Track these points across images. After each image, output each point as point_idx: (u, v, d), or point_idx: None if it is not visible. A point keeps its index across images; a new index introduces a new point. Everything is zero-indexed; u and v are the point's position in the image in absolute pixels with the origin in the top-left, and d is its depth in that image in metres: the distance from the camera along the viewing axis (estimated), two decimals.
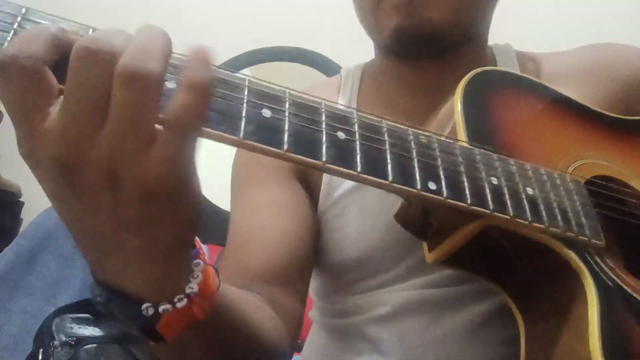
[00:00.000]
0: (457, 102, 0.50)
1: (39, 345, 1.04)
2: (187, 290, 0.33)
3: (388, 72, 0.66)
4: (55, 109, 0.28)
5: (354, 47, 0.71)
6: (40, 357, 1.02)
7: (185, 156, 0.29)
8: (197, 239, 0.35)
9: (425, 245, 0.49)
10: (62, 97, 0.28)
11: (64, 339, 1.03)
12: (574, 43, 0.72)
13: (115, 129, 0.28)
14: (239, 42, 1.55)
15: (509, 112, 0.53)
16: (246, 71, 1.57)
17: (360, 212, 0.59)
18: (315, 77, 1.50)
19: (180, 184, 0.30)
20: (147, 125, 0.28)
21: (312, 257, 0.60)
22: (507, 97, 0.54)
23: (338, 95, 0.68)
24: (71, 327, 1.04)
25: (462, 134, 0.47)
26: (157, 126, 0.29)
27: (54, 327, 1.05)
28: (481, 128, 0.49)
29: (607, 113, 0.60)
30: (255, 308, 0.48)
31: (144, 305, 0.32)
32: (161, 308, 0.32)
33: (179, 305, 0.33)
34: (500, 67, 0.65)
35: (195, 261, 0.34)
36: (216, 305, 0.36)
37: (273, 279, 0.55)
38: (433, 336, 0.56)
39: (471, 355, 0.55)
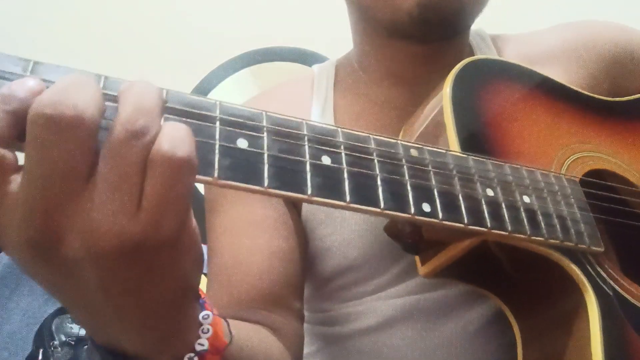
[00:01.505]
0: (446, 95, 0.45)
1: (39, 345, 1.00)
2: (198, 348, 0.29)
3: (370, 62, 0.59)
4: (14, 186, 0.23)
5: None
6: (40, 357, 0.98)
7: (182, 191, 0.24)
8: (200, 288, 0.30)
9: (417, 258, 0.44)
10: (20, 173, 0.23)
11: (64, 339, 1.00)
12: (545, 21, 0.67)
13: (101, 191, 0.23)
14: (239, 42, 1.48)
15: (500, 105, 0.48)
16: (246, 71, 1.50)
17: (347, 218, 0.54)
18: None
19: (177, 225, 0.25)
20: (138, 174, 0.24)
21: (303, 271, 0.55)
22: (497, 89, 0.49)
23: (312, 94, 0.61)
24: (71, 327, 1.01)
25: (451, 131, 0.43)
26: None
27: (54, 327, 1.02)
28: (471, 124, 0.45)
29: (598, 96, 0.55)
30: (259, 341, 0.44)
31: None
32: None
33: None
34: (489, 56, 0.59)
35: (204, 313, 0.30)
36: (227, 354, 0.31)
37: (268, 304, 0.49)
38: (427, 345, 0.51)
39: None
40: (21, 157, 0.24)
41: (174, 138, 0.24)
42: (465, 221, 0.35)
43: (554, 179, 0.44)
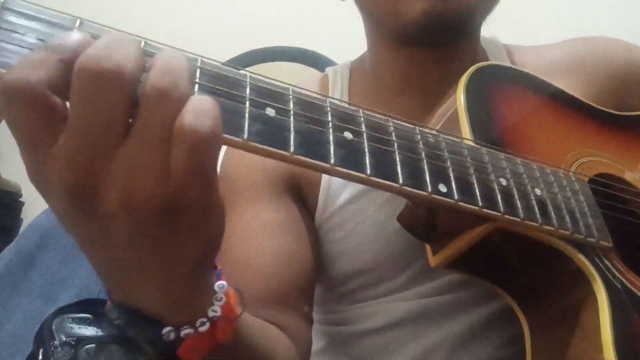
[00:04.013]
0: (460, 96, 0.46)
1: (39, 345, 0.99)
2: (210, 314, 0.30)
3: (383, 68, 0.60)
4: (61, 136, 0.24)
5: (354, 47, 0.66)
6: (40, 357, 0.97)
7: (206, 163, 0.25)
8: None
9: (428, 248, 0.45)
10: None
11: (64, 339, 0.99)
12: (559, 36, 0.69)
13: (135, 149, 0.24)
14: (239, 42, 1.50)
15: (512, 107, 0.49)
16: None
17: (361, 222, 0.54)
18: None
19: (203, 193, 0.26)
20: (167, 140, 0.24)
21: (314, 275, 0.55)
22: (510, 93, 0.50)
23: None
24: (71, 327, 1.00)
25: (466, 129, 0.44)
26: None
27: (54, 327, 1.01)
28: (485, 123, 0.46)
29: (607, 110, 0.57)
30: (273, 336, 0.44)
31: (165, 330, 0.28)
32: (183, 332, 0.29)
33: (201, 329, 0.29)
34: (501, 62, 0.61)
35: (219, 282, 0.31)
36: (238, 329, 0.32)
37: (276, 304, 0.50)
38: (432, 341, 0.52)
39: (472, 358, 0.51)
40: None
41: (198, 112, 0.24)
42: (480, 204, 0.36)
43: (564, 176, 0.45)
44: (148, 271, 0.27)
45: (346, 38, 0.63)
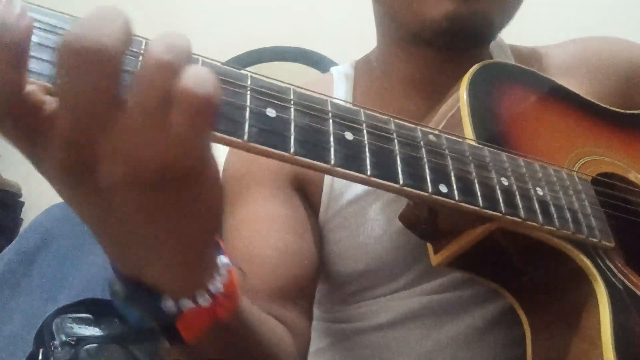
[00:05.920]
0: (462, 94, 0.46)
1: (39, 345, 1.00)
2: (211, 288, 0.30)
3: (392, 68, 0.59)
4: (48, 114, 0.24)
5: (354, 47, 0.66)
6: (40, 357, 0.98)
7: (201, 131, 0.25)
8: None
9: (430, 247, 0.45)
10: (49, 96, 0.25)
11: (64, 339, 0.99)
12: (560, 37, 0.69)
13: (136, 117, 0.24)
14: (239, 42, 1.50)
15: (515, 105, 0.49)
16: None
17: (365, 222, 0.54)
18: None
19: (200, 162, 0.26)
20: (163, 112, 0.25)
21: (316, 272, 0.55)
22: (513, 91, 0.50)
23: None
24: (71, 327, 1.01)
25: (468, 128, 0.44)
26: None
27: (54, 327, 1.02)
28: (487, 122, 0.46)
29: (612, 108, 0.57)
30: (274, 328, 0.45)
31: (164, 299, 0.29)
32: (182, 304, 0.29)
33: (201, 302, 0.30)
34: (506, 60, 0.61)
35: (222, 258, 0.31)
36: (241, 312, 0.33)
37: (277, 299, 0.50)
38: (435, 342, 0.52)
39: (475, 357, 0.52)
40: None
41: (197, 77, 0.25)
42: (481, 204, 0.36)
43: (566, 176, 0.45)
44: (150, 239, 0.27)
45: (346, 38, 0.63)
